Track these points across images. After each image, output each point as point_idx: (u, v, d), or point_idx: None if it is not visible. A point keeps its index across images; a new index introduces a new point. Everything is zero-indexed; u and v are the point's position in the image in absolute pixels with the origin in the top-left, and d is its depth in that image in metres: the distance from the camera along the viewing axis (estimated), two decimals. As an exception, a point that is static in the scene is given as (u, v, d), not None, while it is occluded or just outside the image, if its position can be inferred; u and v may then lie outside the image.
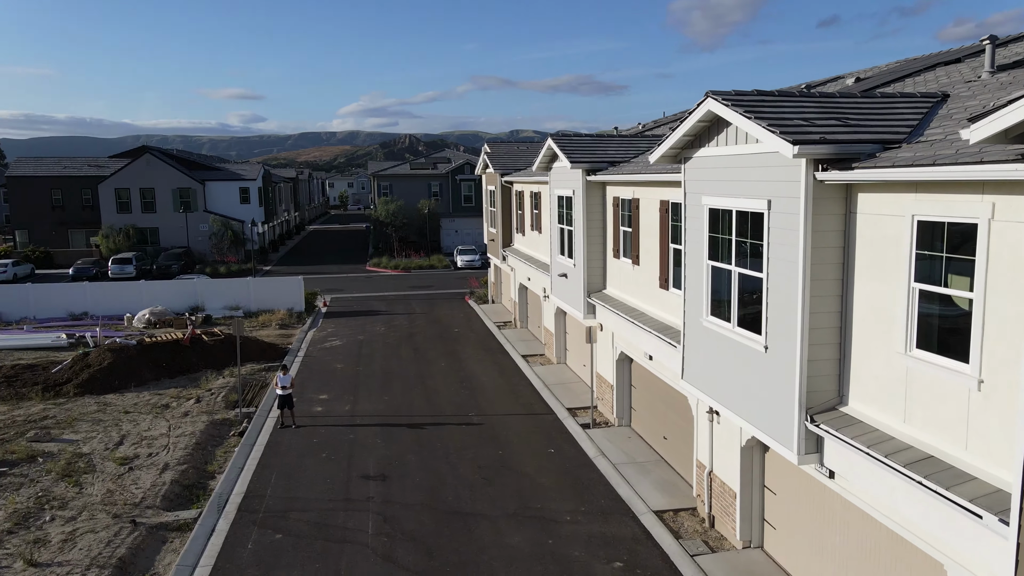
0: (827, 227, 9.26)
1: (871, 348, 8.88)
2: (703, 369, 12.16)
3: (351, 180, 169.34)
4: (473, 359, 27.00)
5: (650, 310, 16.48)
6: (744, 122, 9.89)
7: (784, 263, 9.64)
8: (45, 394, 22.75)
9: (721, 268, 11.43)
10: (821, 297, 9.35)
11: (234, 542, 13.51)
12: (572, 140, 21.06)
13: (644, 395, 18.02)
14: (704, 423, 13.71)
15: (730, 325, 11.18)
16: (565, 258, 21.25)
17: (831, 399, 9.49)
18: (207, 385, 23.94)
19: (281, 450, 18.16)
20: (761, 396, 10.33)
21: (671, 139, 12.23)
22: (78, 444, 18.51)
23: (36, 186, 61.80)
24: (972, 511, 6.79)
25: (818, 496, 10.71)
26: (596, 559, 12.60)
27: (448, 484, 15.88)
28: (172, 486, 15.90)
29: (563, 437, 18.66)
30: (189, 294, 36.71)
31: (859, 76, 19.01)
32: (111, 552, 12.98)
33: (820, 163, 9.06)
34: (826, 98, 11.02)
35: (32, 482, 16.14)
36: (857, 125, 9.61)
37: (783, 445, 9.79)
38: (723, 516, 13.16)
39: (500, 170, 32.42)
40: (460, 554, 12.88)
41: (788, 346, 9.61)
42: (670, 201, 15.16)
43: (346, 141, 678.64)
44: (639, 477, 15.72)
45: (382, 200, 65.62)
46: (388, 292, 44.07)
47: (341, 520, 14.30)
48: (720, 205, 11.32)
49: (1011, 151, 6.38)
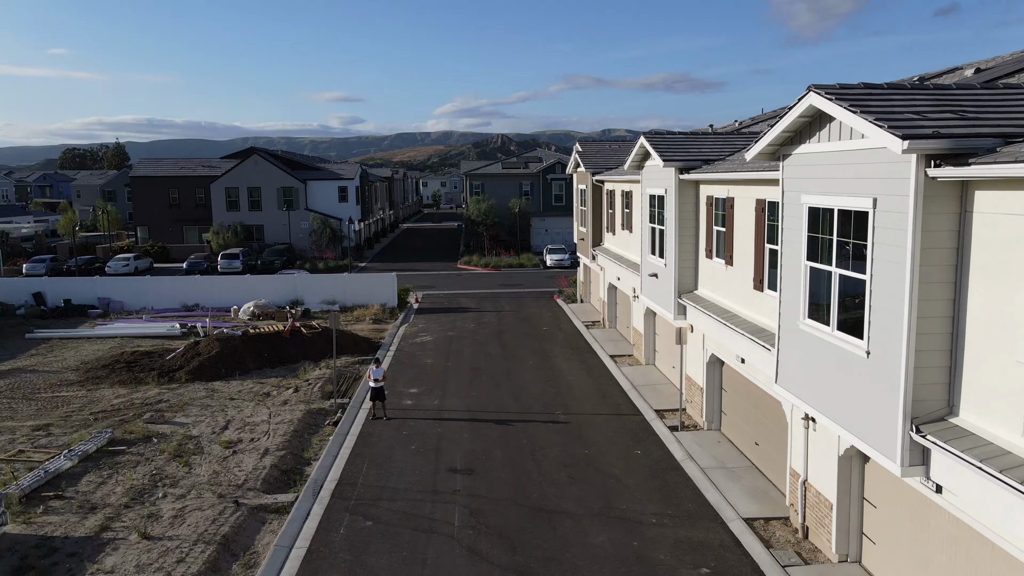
0: (938, 227, 8.71)
1: (986, 356, 8.30)
2: (799, 374, 11.70)
3: (444, 179, 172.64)
4: (561, 358, 26.99)
5: (743, 312, 16.00)
6: (849, 116, 9.45)
7: (890, 265, 9.15)
8: (160, 379, 24.35)
9: (820, 269, 10.96)
10: (930, 301, 8.81)
11: (327, 526, 14.05)
12: (665, 138, 20.70)
13: (735, 399, 17.51)
14: (799, 430, 13.20)
15: (829, 329, 10.71)
16: (656, 258, 20.92)
17: (939, 409, 8.93)
18: (305, 375, 24.97)
19: (372, 440, 18.73)
20: (861, 403, 9.84)
21: (769, 135, 11.84)
22: (188, 427, 19.70)
23: (155, 186, 66.16)
24: (1100, 535, 6.24)
25: (923, 511, 10.10)
26: (682, 564, 12.35)
27: (533, 481, 15.95)
28: (271, 470, 16.68)
29: (650, 439, 18.39)
30: (289, 288, 38.40)
31: (979, 67, 17.79)
32: (216, 530, 13.76)
33: (932, 159, 8.54)
34: (941, 90, 10.40)
35: (147, 461, 17.30)
36: (975, 118, 9.01)
37: (885, 456, 9.30)
38: (818, 527, 12.62)
39: (591, 169, 32.26)
40: (543, 550, 12.92)
41: (892, 352, 9.11)
42: (766, 200, 14.67)
43: (440, 141, 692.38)
44: (728, 483, 15.30)
45: (474, 199, 66.54)
46: (478, 289, 44.66)
47: (428, 511, 14.62)
48: (820, 204, 10.86)
49: None
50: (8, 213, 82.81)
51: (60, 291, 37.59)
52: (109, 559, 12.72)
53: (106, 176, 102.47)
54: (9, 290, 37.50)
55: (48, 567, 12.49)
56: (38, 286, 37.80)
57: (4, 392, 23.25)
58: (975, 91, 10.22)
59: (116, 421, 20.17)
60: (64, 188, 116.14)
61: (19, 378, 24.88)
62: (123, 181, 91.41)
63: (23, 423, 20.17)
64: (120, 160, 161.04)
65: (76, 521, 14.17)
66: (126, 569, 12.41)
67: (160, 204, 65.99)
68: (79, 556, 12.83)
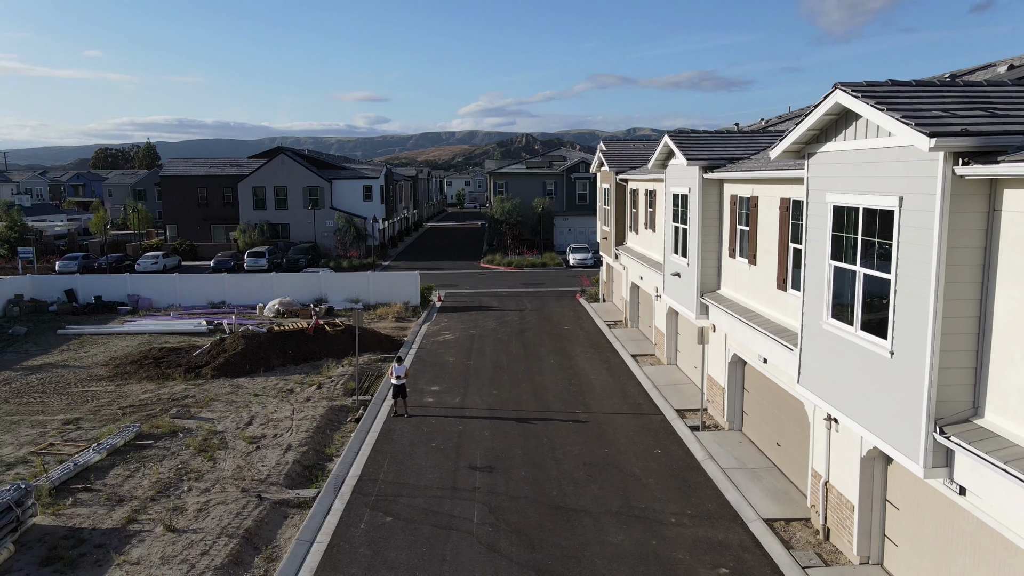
0: (966, 226, 8.58)
1: (1014, 357, 8.16)
2: (821, 374, 11.57)
3: (468, 178, 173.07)
4: (582, 357, 26.95)
5: (766, 311, 15.86)
6: (875, 114, 9.34)
7: (915, 264, 9.02)
8: (187, 375, 24.73)
9: (844, 268, 10.83)
10: (956, 301, 8.68)
11: (348, 522, 14.17)
12: (689, 137, 20.57)
13: (757, 399, 17.36)
14: (821, 430, 13.05)
15: (852, 328, 10.58)
16: (679, 257, 20.80)
17: (964, 410, 8.79)
18: (328, 372, 25.21)
19: (393, 438, 18.86)
20: (884, 404, 9.71)
21: (795, 133, 11.73)
22: (213, 422, 19.99)
23: (184, 185, 67.16)
24: None
25: (947, 514, 9.94)
26: (701, 564, 12.28)
27: (553, 479, 15.96)
28: (294, 466, 16.87)
29: (671, 438, 18.30)
30: (314, 286, 38.77)
31: (1013, 63, 17.43)
32: (239, 523, 13.95)
33: (960, 157, 8.41)
34: (971, 87, 10.23)
35: (173, 455, 17.59)
36: (1006, 116, 8.86)
37: (907, 457, 9.17)
38: (839, 529, 12.47)
39: (615, 168, 32.15)
40: (562, 548, 12.92)
41: (916, 352, 8.98)
42: (791, 199, 14.52)
43: (464, 141, 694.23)
44: (749, 483, 15.17)
45: (497, 198, 66.62)
46: (500, 288, 44.72)
47: (448, 508, 14.69)
48: (845, 202, 10.73)
49: None
50: (42, 212, 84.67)
51: (91, 288, 38.34)
52: (135, 551, 12.96)
53: (137, 175, 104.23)
54: (42, 287, 38.33)
55: (76, 558, 12.76)
56: (70, 283, 38.58)
57: (36, 387, 23.77)
58: (1006, 88, 10.03)
59: (144, 416, 20.53)
60: (96, 187, 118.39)
61: (51, 373, 25.43)
62: (153, 180, 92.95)
63: (54, 417, 20.61)
64: (151, 160, 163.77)
65: (104, 513, 14.45)
66: (151, 561, 12.63)
67: (189, 203, 66.98)
68: (106, 547, 13.09)
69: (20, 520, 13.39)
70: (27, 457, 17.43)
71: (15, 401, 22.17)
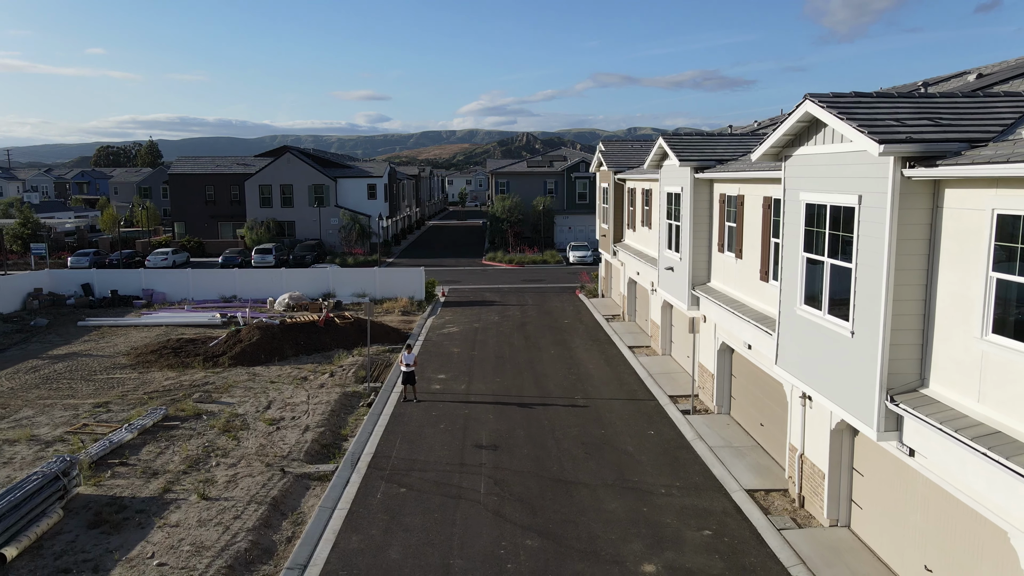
0: (913, 220, 9.87)
1: (951, 334, 9.45)
2: (796, 355, 12.87)
3: (469, 177, 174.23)
4: (581, 348, 28.24)
5: (751, 301, 17.15)
6: (837, 122, 10.63)
7: (871, 254, 10.31)
8: (205, 364, 26.02)
9: (815, 259, 12.12)
10: (905, 286, 9.97)
11: (365, 492, 15.47)
12: (682, 139, 21.86)
13: (743, 384, 18.65)
14: (797, 408, 14.35)
15: (821, 313, 11.88)
16: (672, 252, 22.09)
17: (912, 381, 10.09)
18: (339, 362, 26.49)
19: (404, 420, 20.15)
20: (847, 378, 11.01)
21: (772, 138, 13.00)
22: (234, 406, 21.28)
23: (192, 183, 68.47)
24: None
25: (901, 476, 11.24)
26: (687, 527, 13.59)
27: (553, 456, 17.25)
28: (312, 444, 18.16)
29: (663, 421, 19.60)
30: (322, 281, 40.06)
31: (981, 72, 18.71)
32: (266, 493, 15.25)
33: (908, 161, 9.69)
34: (924, 98, 11.50)
35: (199, 435, 18.88)
36: (948, 125, 10.13)
37: (865, 423, 10.47)
38: (812, 496, 13.77)
39: (613, 168, 33.42)
40: (561, 514, 14.22)
41: (872, 331, 10.28)
42: (772, 197, 15.81)
43: (465, 139, 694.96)
44: (734, 459, 16.48)
45: (499, 197, 67.91)
46: (502, 284, 46.01)
47: (456, 480, 15.99)
48: (815, 200, 12.02)
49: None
50: (49, 209, 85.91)
51: (106, 282, 39.64)
52: (173, 515, 14.26)
53: (141, 173, 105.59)
54: (59, 281, 39.62)
55: (120, 521, 14.05)
56: (86, 278, 39.87)
57: (64, 374, 25.08)
58: (955, 99, 11.30)
59: (168, 400, 21.83)
60: (102, 185, 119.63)
61: (76, 361, 26.74)
62: (158, 178, 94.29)
63: (84, 401, 21.91)
64: (153, 157, 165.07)
65: (140, 484, 15.75)
66: (189, 523, 13.93)
67: (196, 200, 68.28)
68: (146, 512, 14.39)
69: (67, 488, 14.71)
70: (63, 436, 18.72)
71: (46, 387, 23.48)
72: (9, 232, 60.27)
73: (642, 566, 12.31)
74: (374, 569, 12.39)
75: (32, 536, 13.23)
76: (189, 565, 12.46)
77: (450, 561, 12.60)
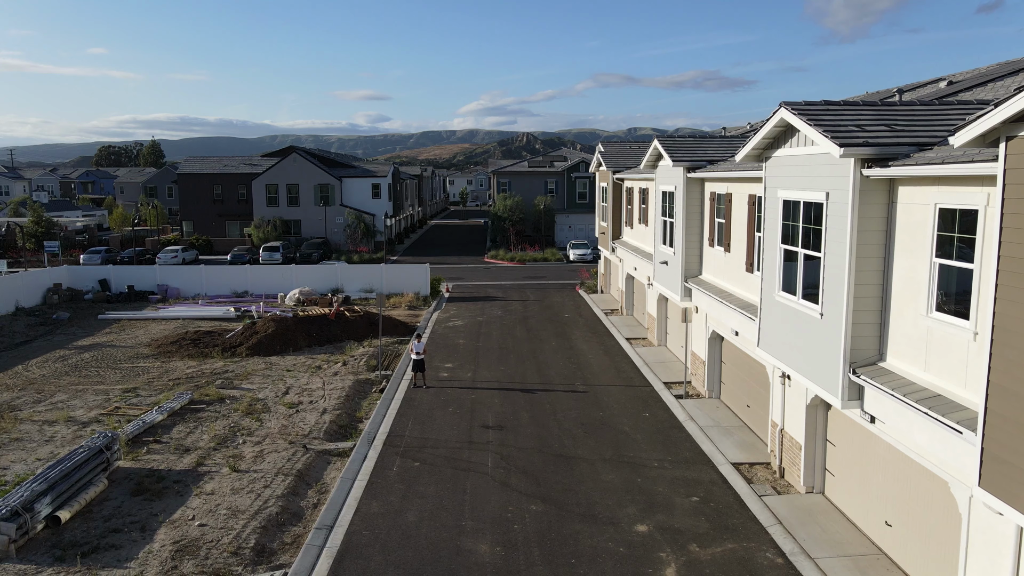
0: (871, 214, 11.24)
1: (904, 312, 10.82)
2: (775, 337, 14.24)
3: (470, 177, 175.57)
4: (581, 340, 29.61)
5: (738, 292, 18.52)
6: (806, 128, 12.00)
7: (837, 244, 11.68)
8: (224, 354, 27.40)
9: (791, 250, 13.49)
10: (865, 271, 11.34)
11: (382, 466, 16.85)
12: (675, 141, 23.24)
13: (732, 369, 20.02)
14: (778, 387, 15.72)
15: (796, 298, 13.25)
16: (667, 247, 23.46)
17: (872, 356, 11.46)
18: (350, 352, 27.87)
19: (415, 404, 21.52)
20: (817, 355, 12.38)
21: (753, 141, 14.38)
22: (254, 392, 22.65)
23: (200, 182, 69.82)
24: (956, 429, 8.77)
25: (865, 442, 12.61)
26: (677, 494, 14.96)
27: (554, 435, 18.63)
28: (330, 425, 19.53)
29: (658, 404, 20.98)
30: (330, 277, 41.44)
31: (951, 79, 20.10)
32: (291, 466, 16.63)
33: (866, 162, 11.07)
34: (886, 107, 12.87)
35: (224, 416, 20.25)
36: (902, 130, 11.50)
37: (831, 394, 11.85)
38: (791, 467, 15.15)
39: (612, 168, 34.79)
40: (562, 484, 15.59)
41: (837, 312, 11.65)
42: (756, 195, 17.18)
43: (465, 139, 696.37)
44: (722, 437, 17.85)
45: (500, 196, 69.31)
46: (504, 281, 47.39)
47: (466, 456, 17.36)
48: (791, 197, 13.39)
49: (987, 153, 8.33)
50: (58, 208, 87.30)
51: (122, 278, 41.03)
52: (208, 485, 15.64)
53: (146, 173, 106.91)
54: (77, 277, 41.01)
55: (160, 489, 15.43)
56: (103, 273, 41.27)
57: (91, 362, 26.46)
58: (912, 107, 12.67)
59: (192, 386, 23.20)
60: (107, 184, 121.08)
61: (101, 351, 28.12)
62: (163, 178, 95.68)
63: (113, 386, 23.29)
64: (156, 157, 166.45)
65: (175, 459, 17.12)
66: (224, 492, 15.31)
67: (204, 200, 69.64)
68: (183, 483, 15.77)
69: (109, 461, 16.08)
70: (98, 417, 20.09)
71: (75, 374, 24.86)
72: (24, 230, 61.69)
73: (636, 526, 13.68)
74: (394, 529, 13.77)
75: (82, 502, 14.59)
76: (227, 526, 13.83)
77: (462, 523, 13.98)
